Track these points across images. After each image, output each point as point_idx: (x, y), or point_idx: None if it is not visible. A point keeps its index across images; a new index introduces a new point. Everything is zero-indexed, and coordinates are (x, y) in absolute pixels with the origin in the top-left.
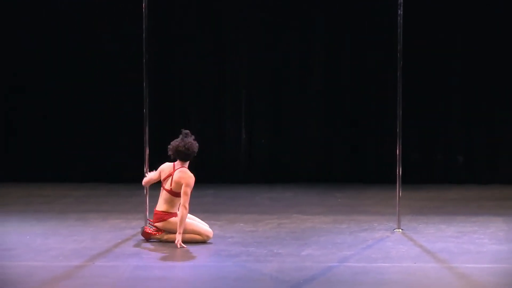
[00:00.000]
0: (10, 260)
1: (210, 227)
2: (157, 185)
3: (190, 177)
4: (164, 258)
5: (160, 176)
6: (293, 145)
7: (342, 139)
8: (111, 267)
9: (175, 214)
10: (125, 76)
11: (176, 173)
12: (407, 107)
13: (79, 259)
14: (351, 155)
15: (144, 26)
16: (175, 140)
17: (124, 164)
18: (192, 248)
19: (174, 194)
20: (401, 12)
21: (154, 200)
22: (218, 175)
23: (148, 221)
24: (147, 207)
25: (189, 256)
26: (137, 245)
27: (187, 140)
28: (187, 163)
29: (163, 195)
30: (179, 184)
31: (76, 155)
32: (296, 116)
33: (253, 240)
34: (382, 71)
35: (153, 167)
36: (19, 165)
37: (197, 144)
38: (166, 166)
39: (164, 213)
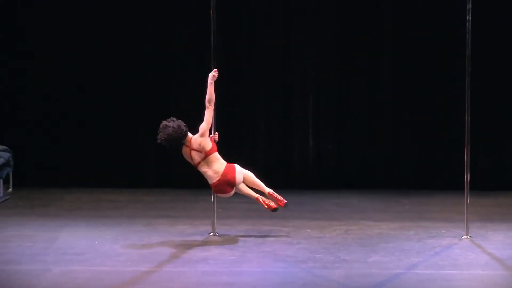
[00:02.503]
0: (79, 264)
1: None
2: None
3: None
4: (231, 264)
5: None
6: (360, 151)
7: (409, 145)
8: (178, 272)
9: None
10: (192, 82)
11: (193, 144)
12: (475, 113)
13: (147, 264)
14: (418, 161)
15: (212, 31)
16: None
17: (191, 170)
18: (260, 254)
19: (206, 154)
20: (470, 18)
21: (221, 206)
22: (285, 181)
23: None
24: (214, 213)
25: (256, 262)
26: (204, 250)
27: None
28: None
29: (210, 165)
30: (199, 143)
31: (144, 161)
32: (363, 123)
33: (320, 246)
34: (450, 77)
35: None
36: (89, 171)
37: (170, 125)
38: (183, 153)
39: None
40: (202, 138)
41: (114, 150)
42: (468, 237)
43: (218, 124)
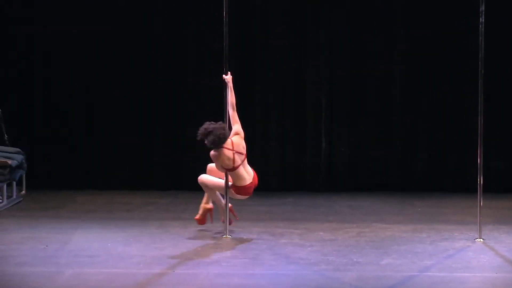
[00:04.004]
0: (92, 267)
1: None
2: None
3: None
4: (244, 266)
5: (223, 168)
6: (373, 153)
7: (421, 147)
8: (191, 274)
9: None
10: (205, 84)
11: (236, 147)
12: (488, 113)
13: (160, 267)
14: (431, 163)
15: (224, 33)
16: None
17: (203, 172)
18: (272, 256)
19: (245, 156)
20: (483, 20)
21: (234, 208)
22: (298, 183)
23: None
24: (227, 215)
25: (268, 264)
26: (217, 253)
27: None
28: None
29: (245, 168)
30: (241, 143)
31: (157, 163)
32: (376, 125)
33: (333, 249)
34: (463, 79)
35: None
36: (102, 173)
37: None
38: (223, 156)
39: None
40: (243, 141)
41: (127, 152)
42: (481, 239)
43: (231, 125)
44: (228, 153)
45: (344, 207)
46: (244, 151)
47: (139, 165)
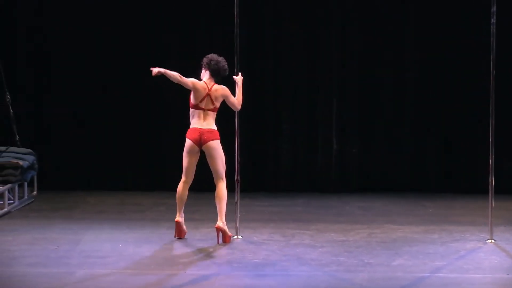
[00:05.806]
0: (103, 267)
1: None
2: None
3: (225, 88)
4: (254, 267)
5: (190, 86)
6: (384, 154)
7: (433, 148)
8: (202, 275)
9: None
10: None
11: (214, 91)
12: (500, 115)
13: (171, 267)
14: (442, 164)
15: (235, 34)
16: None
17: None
18: (283, 257)
19: (216, 110)
20: (495, 21)
21: (245, 209)
22: (309, 184)
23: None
24: (238, 216)
25: (279, 265)
26: (228, 253)
27: (219, 58)
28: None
29: (209, 114)
30: (219, 96)
31: (168, 163)
32: (387, 125)
33: (344, 250)
34: (474, 79)
35: (242, 175)
36: (113, 174)
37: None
38: (199, 86)
39: (211, 130)
40: (226, 96)
41: (138, 153)
42: (493, 240)
43: (242, 127)
44: (203, 88)
45: (355, 208)
46: (214, 104)
47: (150, 166)
